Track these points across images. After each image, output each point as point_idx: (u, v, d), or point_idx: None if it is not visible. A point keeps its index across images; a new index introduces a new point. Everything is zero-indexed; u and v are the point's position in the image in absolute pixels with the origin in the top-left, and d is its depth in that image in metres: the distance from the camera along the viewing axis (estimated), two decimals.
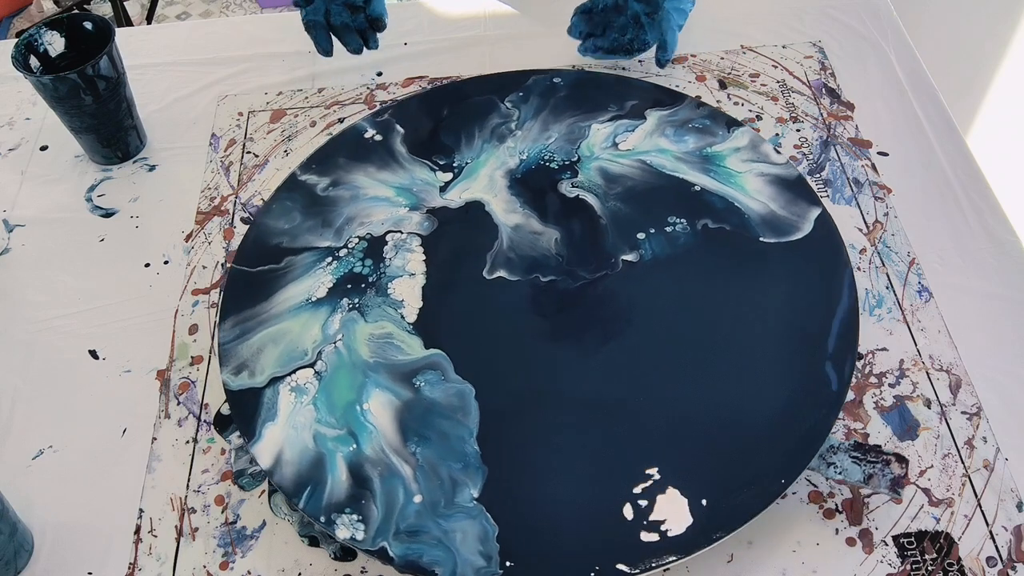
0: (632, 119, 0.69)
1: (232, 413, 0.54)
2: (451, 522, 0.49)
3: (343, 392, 0.54)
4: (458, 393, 0.54)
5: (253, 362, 0.56)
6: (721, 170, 0.65)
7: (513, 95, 0.71)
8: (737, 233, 0.61)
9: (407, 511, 0.49)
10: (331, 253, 0.62)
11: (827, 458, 0.50)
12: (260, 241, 0.63)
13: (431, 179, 0.66)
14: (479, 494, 0.50)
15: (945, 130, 0.70)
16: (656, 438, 0.52)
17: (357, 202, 0.65)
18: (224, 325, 0.58)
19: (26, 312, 0.64)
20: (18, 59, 0.66)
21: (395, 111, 0.70)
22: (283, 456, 0.51)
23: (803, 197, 0.62)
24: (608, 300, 0.58)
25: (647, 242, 0.61)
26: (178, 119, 0.76)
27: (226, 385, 0.55)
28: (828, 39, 0.78)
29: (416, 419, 0.53)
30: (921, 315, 0.59)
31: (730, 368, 0.54)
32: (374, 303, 0.59)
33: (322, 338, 0.57)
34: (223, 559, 0.51)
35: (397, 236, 0.62)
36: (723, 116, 0.68)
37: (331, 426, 0.53)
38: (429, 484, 0.50)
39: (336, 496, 0.50)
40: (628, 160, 0.66)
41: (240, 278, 0.60)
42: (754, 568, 0.50)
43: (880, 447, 0.51)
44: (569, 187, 0.65)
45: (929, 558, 0.49)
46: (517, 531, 0.48)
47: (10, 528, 0.50)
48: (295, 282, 0.60)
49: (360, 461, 0.51)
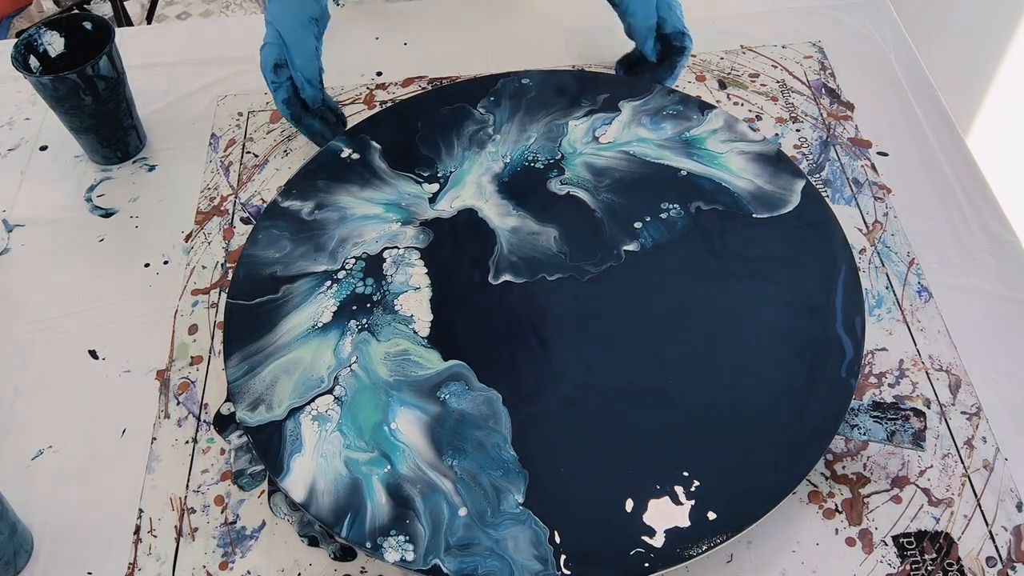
0: (607, 112, 0.69)
1: (255, 450, 0.53)
2: (501, 530, 0.48)
3: (368, 414, 0.53)
4: (486, 401, 0.53)
5: (268, 395, 0.54)
6: (703, 152, 0.65)
7: (484, 100, 0.71)
8: (730, 212, 0.62)
9: (455, 525, 0.48)
10: (330, 276, 0.61)
11: (849, 421, 0.51)
12: (252, 274, 0.61)
13: (418, 191, 0.65)
14: (524, 499, 0.49)
15: (945, 130, 0.70)
16: (687, 422, 0.52)
17: (347, 222, 0.64)
18: (230, 363, 0.56)
19: (26, 312, 0.64)
20: (18, 59, 0.66)
21: (367, 129, 0.69)
22: (316, 487, 0.50)
23: (785, 170, 0.64)
24: (618, 291, 0.58)
25: (645, 230, 0.61)
26: (178, 119, 0.76)
27: (244, 423, 0.53)
28: (828, 39, 0.78)
29: (448, 432, 0.52)
30: (921, 315, 0.59)
31: (746, 345, 0.55)
32: (384, 321, 0.58)
33: (336, 363, 0.56)
34: (223, 559, 0.51)
35: (395, 252, 0.62)
36: (694, 100, 0.69)
37: (361, 450, 0.52)
38: (472, 495, 0.50)
39: (379, 520, 0.49)
40: (612, 152, 0.66)
41: (239, 313, 0.59)
42: (754, 568, 0.50)
43: (897, 403, 0.52)
44: (558, 185, 0.65)
45: (929, 558, 0.49)
46: (569, 531, 0.48)
47: (10, 528, 0.50)
48: (297, 310, 0.59)
49: (398, 481, 0.50)
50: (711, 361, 0.55)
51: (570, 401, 0.54)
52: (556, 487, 0.50)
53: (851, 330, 0.54)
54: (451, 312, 0.58)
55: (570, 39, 0.75)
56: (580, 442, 0.52)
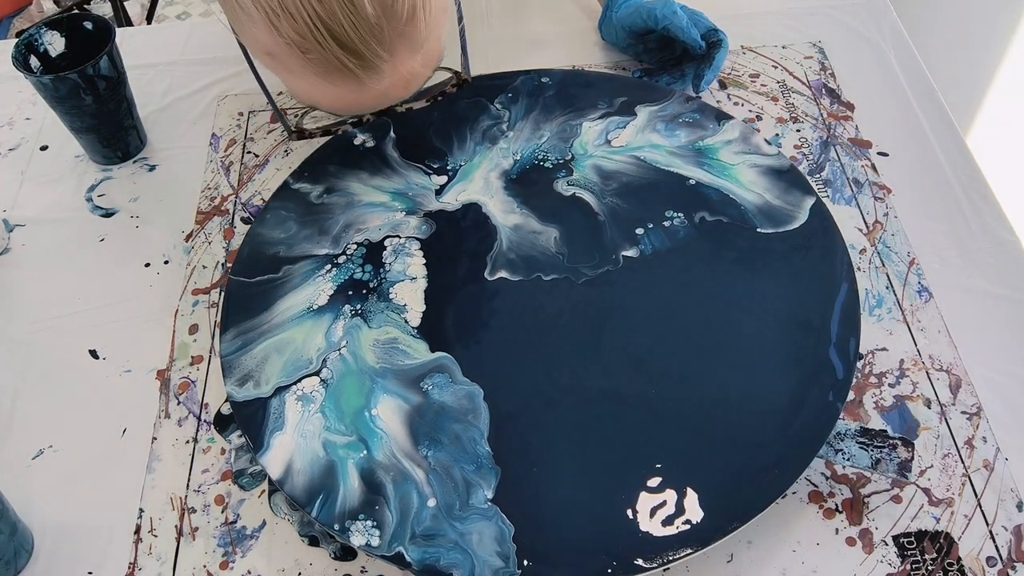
0: (622, 115, 0.69)
1: (239, 424, 0.54)
2: (467, 524, 0.48)
3: (351, 399, 0.54)
4: (467, 395, 0.54)
5: (258, 372, 0.56)
6: (715, 163, 0.65)
7: (502, 96, 0.71)
8: (735, 225, 0.61)
9: (422, 515, 0.49)
10: (330, 260, 0.61)
11: (834, 444, 0.51)
12: (256, 252, 0.62)
13: (426, 183, 0.66)
14: (493, 495, 0.50)
15: (945, 130, 0.70)
16: (667, 432, 0.52)
17: (353, 208, 0.65)
18: (225, 337, 0.57)
19: (26, 312, 0.64)
20: (18, 59, 0.66)
21: (384, 117, 0.69)
22: (293, 465, 0.51)
23: (796, 186, 0.63)
24: (611, 296, 0.58)
25: (646, 237, 0.61)
26: (178, 119, 0.76)
27: (231, 396, 0.54)
28: (828, 39, 0.78)
29: (427, 423, 0.53)
30: (921, 315, 0.59)
31: (735, 360, 0.55)
32: (377, 308, 0.59)
33: (326, 346, 0.57)
34: (223, 559, 0.51)
35: (396, 241, 0.62)
36: (712, 109, 0.69)
37: (341, 433, 0.53)
38: (443, 487, 0.50)
39: (349, 503, 0.49)
40: (622, 156, 0.66)
41: (239, 290, 0.60)
42: (754, 568, 0.50)
43: (886, 431, 0.51)
44: (565, 185, 0.65)
45: (929, 558, 0.49)
46: (533, 530, 0.48)
47: (10, 528, 0.50)
48: (295, 291, 0.60)
49: (372, 467, 0.51)
50: (697, 373, 0.54)
51: (551, 402, 0.54)
52: (527, 486, 0.50)
53: (844, 352, 0.54)
54: (444, 304, 0.59)
55: (569, 40, 0.75)
56: (556, 443, 0.52)
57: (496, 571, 0.47)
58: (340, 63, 0.46)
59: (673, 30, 0.69)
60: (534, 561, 0.47)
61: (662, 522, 0.48)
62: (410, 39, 0.47)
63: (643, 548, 0.47)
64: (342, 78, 0.47)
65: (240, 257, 0.62)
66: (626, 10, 0.72)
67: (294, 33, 0.45)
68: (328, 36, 0.44)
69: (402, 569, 0.48)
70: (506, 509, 0.49)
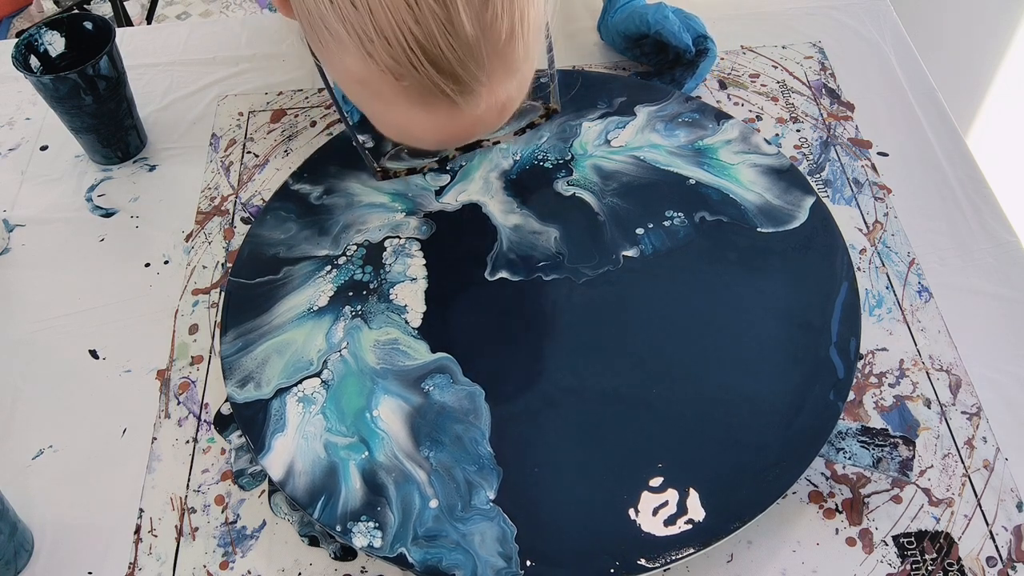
0: (622, 116, 0.69)
1: (240, 426, 0.54)
2: (469, 525, 0.48)
3: (352, 400, 0.54)
4: (468, 396, 0.54)
5: (258, 373, 0.56)
6: (714, 163, 0.65)
7: None
8: (735, 224, 0.61)
9: (424, 516, 0.49)
10: (330, 261, 0.61)
11: (836, 444, 0.51)
12: (256, 253, 0.62)
13: (426, 183, 0.66)
14: (495, 496, 0.50)
15: (945, 130, 0.70)
16: (668, 432, 0.52)
17: (353, 209, 0.64)
18: (225, 339, 0.57)
19: (26, 312, 0.64)
20: (18, 59, 0.66)
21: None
22: (295, 467, 0.51)
23: (796, 186, 0.63)
24: (612, 296, 0.58)
25: (646, 237, 0.61)
26: (178, 119, 0.76)
27: (231, 398, 0.54)
28: (828, 39, 0.78)
29: (428, 424, 0.53)
30: (921, 315, 0.59)
31: (736, 360, 0.55)
32: (377, 309, 0.58)
33: (327, 347, 0.57)
34: (223, 559, 0.51)
35: (396, 241, 0.62)
36: (711, 109, 0.69)
37: (342, 434, 0.52)
38: (445, 488, 0.50)
39: (351, 504, 0.49)
40: (622, 156, 0.66)
41: (239, 291, 0.60)
42: (754, 568, 0.50)
43: (887, 430, 0.51)
44: (565, 186, 0.65)
45: (929, 558, 0.49)
46: (535, 531, 0.48)
47: (10, 528, 0.50)
48: (295, 292, 0.60)
49: (374, 468, 0.51)
50: (698, 373, 0.54)
51: (552, 402, 0.54)
52: (529, 486, 0.50)
53: (844, 352, 0.54)
54: (444, 305, 0.58)
55: (569, 40, 0.75)
56: (557, 444, 0.52)
57: (498, 572, 0.47)
58: (437, 87, 0.43)
59: (665, 35, 0.69)
60: (536, 562, 0.47)
61: (664, 522, 0.48)
62: (507, 60, 0.44)
63: (645, 548, 0.47)
64: (437, 103, 0.44)
65: (240, 258, 0.62)
66: (621, 15, 0.73)
67: (388, 58, 0.42)
68: (424, 59, 0.41)
69: (404, 570, 0.48)
70: (508, 510, 0.49)
